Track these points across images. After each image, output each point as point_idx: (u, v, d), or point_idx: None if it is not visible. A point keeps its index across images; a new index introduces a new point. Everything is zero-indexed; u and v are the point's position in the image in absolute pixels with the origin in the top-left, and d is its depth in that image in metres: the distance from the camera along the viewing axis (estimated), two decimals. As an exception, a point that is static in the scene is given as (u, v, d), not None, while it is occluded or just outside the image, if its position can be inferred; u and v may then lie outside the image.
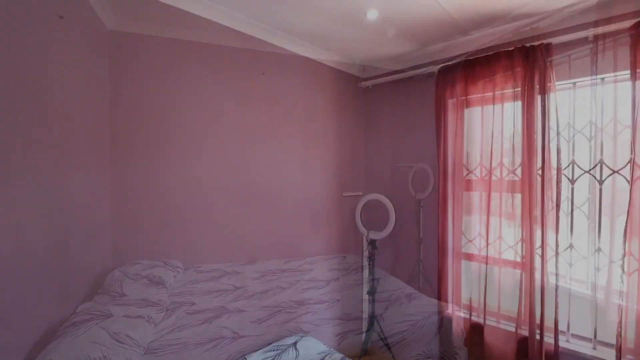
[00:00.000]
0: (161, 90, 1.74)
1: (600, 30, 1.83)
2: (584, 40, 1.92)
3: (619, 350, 1.81)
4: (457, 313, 2.42)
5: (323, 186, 2.67)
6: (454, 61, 2.38)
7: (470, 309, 2.38)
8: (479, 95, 2.30)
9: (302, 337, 2.29)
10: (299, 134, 2.47)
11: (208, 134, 1.93)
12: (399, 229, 2.81)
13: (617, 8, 1.80)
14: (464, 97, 2.37)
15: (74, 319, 1.49)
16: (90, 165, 1.49)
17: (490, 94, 2.24)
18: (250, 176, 2.15)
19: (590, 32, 1.86)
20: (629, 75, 1.77)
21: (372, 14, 2.03)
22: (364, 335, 3.07)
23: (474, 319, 2.35)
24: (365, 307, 3.09)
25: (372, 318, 2.81)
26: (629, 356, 1.80)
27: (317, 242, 2.63)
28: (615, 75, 1.88)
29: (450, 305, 2.49)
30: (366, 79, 2.98)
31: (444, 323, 2.47)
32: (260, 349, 2.16)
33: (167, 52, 1.77)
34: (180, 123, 1.81)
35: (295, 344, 2.19)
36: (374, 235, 2.80)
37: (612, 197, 1.94)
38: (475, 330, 2.34)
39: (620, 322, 1.81)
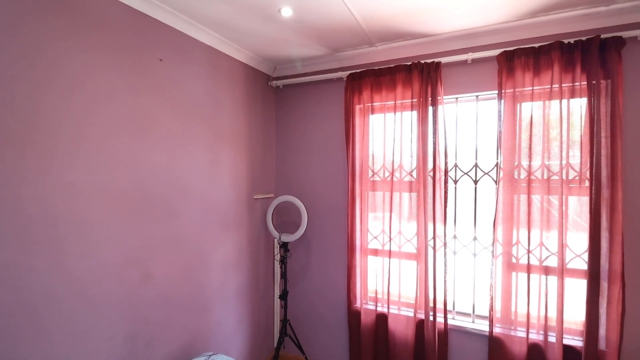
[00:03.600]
0: (25, 71, 1.32)
1: (477, 55, 2.19)
2: (464, 62, 2.27)
3: (491, 321, 2.20)
4: (364, 306, 2.58)
5: (232, 188, 2.49)
6: (361, 69, 2.52)
7: (375, 300, 2.55)
8: (383, 103, 2.50)
9: (210, 355, 2.08)
10: (204, 131, 2.23)
11: (88, 127, 1.56)
12: (311, 231, 2.85)
13: (489, 38, 2.18)
14: (369, 104, 2.53)
15: None
16: None
17: (392, 102, 2.46)
18: (144, 178, 1.83)
19: (469, 56, 2.21)
20: (496, 95, 2.18)
21: (287, 12, 1.98)
22: (275, 340, 3.00)
23: (379, 309, 2.53)
24: (277, 312, 3.03)
25: (284, 322, 2.77)
26: (497, 324, 2.20)
27: (226, 248, 2.44)
28: (486, 94, 2.29)
29: (358, 300, 2.63)
30: (277, 78, 2.92)
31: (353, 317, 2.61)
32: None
33: (34, 21, 1.35)
34: (47, 112, 1.40)
35: (205, 365, 1.98)
36: (286, 237, 2.77)
37: (483, 194, 2.35)
38: (381, 319, 2.52)
39: (492, 297, 2.20)
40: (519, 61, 2.05)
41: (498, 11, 1.95)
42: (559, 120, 1.99)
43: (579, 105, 1.98)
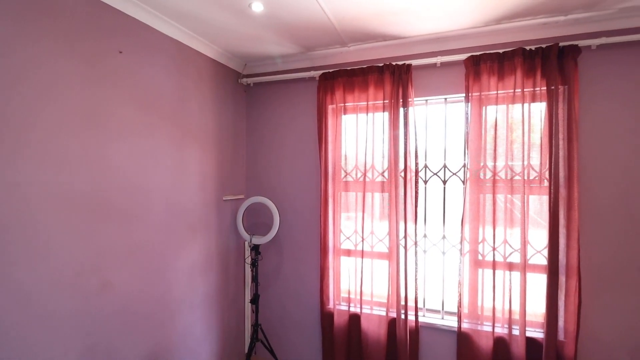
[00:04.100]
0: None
1: (446, 59, 2.25)
2: (434, 65, 2.32)
3: (459, 316, 2.26)
4: (337, 307, 2.57)
5: (200, 190, 2.38)
6: (333, 69, 2.50)
7: (348, 301, 2.55)
8: (355, 103, 2.50)
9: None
10: (169, 129, 2.11)
11: (37, 124, 1.42)
12: (283, 232, 2.79)
13: (457, 43, 2.25)
14: (342, 104, 2.52)
15: None
16: None
17: (364, 103, 2.46)
18: (102, 180, 1.69)
19: (438, 60, 2.26)
20: (464, 97, 2.24)
21: (257, 7, 1.92)
22: (246, 346, 2.91)
23: (352, 309, 2.53)
24: (248, 317, 2.94)
25: (256, 327, 2.69)
26: (465, 320, 2.26)
27: (193, 253, 2.33)
28: (454, 96, 2.35)
29: (331, 301, 2.61)
30: (247, 76, 2.83)
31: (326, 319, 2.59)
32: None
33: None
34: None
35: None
36: (257, 240, 2.69)
37: (451, 194, 2.42)
38: (353, 320, 2.52)
39: (460, 294, 2.26)
40: (485, 66, 2.13)
41: (466, 16, 2.01)
42: (521, 123, 2.09)
43: (539, 109, 2.09)
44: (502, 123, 2.16)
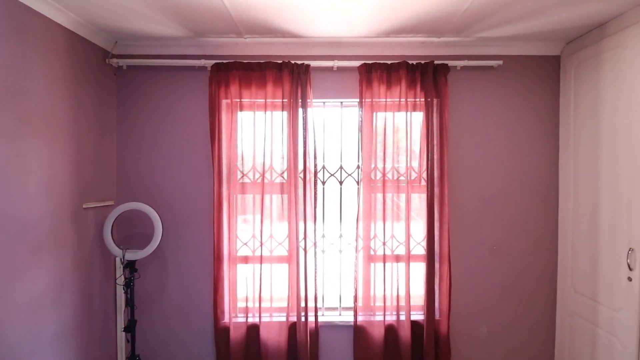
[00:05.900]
0: None
1: (341, 63, 2.33)
2: (331, 69, 2.37)
3: (355, 311, 2.37)
4: (234, 320, 2.35)
5: (46, 195, 1.80)
6: (228, 60, 2.29)
7: (246, 311, 2.37)
8: (252, 100, 2.35)
9: None
10: (-4, 116, 1.54)
11: None
12: (167, 243, 2.40)
13: (353, 49, 2.35)
14: (238, 100, 2.33)
15: None
16: None
17: (262, 100, 2.34)
18: None
19: (335, 64, 2.32)
20: (357, 102, 2.36)
21: (134, -27, 1.58)
22: (120, 385, 2.39)
23: (250, 320, 2.37)
24: (122, 348, 2.41)
25: (132, 359, 2.23)
26: (360, 313, 2.38)
27: (37, 280, 1.76)
28: (349, 101, 2.45)
29: (227, 315, 2.38)
30: (119, 57, 2.33)
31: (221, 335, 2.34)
32: None
33: None
34: None
35: None
36: (132, 255, 2.23)
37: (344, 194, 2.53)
38: (252, 331, 2.36)
39: (355, 289, 2.37)
40: (376, 74, 2.29)
41: (361, 25, 2.10)
42: (405, 129, 2.33)
43: (419, 118, 2.37)
44: (390, 128, 2.36)
